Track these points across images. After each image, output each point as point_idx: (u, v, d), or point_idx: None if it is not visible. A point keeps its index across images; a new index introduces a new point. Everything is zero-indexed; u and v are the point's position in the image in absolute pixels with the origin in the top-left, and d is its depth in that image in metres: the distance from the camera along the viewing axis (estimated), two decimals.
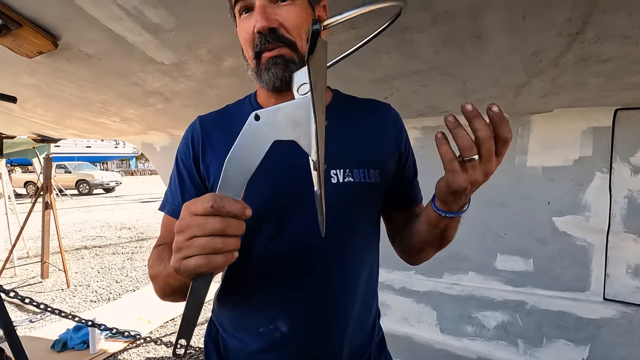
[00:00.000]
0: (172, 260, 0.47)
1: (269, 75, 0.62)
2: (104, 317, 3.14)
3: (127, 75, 1.45)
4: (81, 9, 1.02)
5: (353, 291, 0.69)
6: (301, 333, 0.67)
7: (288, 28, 0.61)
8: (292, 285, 0.66)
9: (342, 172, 0.66)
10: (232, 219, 0.45)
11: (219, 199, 0.44)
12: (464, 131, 0.49)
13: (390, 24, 0.56)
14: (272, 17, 0.59)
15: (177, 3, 0.94)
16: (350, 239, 0.68)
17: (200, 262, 0.44)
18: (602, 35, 0.86)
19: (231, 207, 0.44)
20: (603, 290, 1.53)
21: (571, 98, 1.32)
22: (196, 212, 0.44)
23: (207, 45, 1.13)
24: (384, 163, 0.72)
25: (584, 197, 1.53)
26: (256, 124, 0.47)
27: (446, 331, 1.83)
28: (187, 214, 0.45)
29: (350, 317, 0.69)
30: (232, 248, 0.45)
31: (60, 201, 12.41)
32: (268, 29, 0.59)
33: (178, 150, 0.74)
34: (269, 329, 0.67)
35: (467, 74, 1.14)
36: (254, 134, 0.47)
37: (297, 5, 0.61)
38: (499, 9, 0.80)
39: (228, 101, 1.65)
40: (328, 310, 0.67)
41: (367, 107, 0.76)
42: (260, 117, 0.46)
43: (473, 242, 1.74)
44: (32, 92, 1.85)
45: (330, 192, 0.63)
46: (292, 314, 0.67)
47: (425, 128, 1.75)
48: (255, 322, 0.68)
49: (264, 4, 0.59)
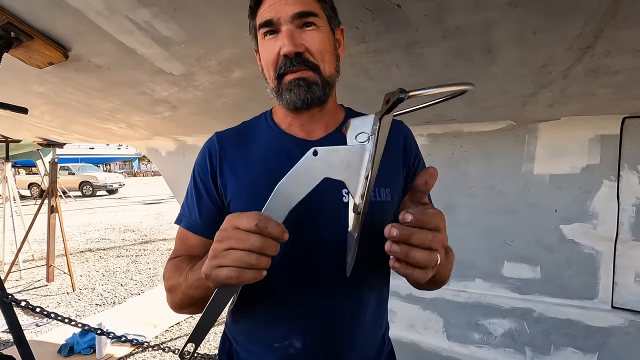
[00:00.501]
0: (206, 266, 0.50)
1: (290, 96, 0.64)
2: (110, 321, 3.16)
3: (136, 85, 1.46)
4: (92, 23, 1.02)
5: (365, 309, 0.70)
6: (314, 350, 0.68)
7: (313, 52, 0.63)
8: (307, 302, 0.67)
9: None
10: (270, 240, 0.47)
11: (265, 219, 0.47)
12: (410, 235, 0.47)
13: (455, 97, 0.58)
14: (298, 42, 0.61)
15: (188, 18, 0.95)
16: (362, 258, 0.66)
17: (232, 273, 0.47)
18: (613, 49, 0.86)
19: (273, 229, 0.47)
20: (611, 298, 1.53)
21: (579, 107, 1.32)
22: (240, 227, 0.47)
23: (216, 58, 1.14)
24: (394, 180, 0.73)
25: (591, 204, 1.53)
26: (313, 159, 0.49)
27: (453, 338, 1.83)
28: (229, 226, 0.48)
29: (362, 334, 0.71)
30: (264, 266, 0.48)
31: (64, 203, 12.47)
32: (294, 53, 0.61)
33: (195, 164, 0.76)
34: (283, 345, 0.68)
35: (475, 84, 1.14)
36: (308, 168, 0.49)
37: (321, 31, 0.64)
38: (510, 24, 0.80)
39: (235, 109, 1.67)
40: (341, 328, 0.68)
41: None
42: (318, 154, 0.49)
43: (480, 249, 1.74)
44: (41, 99, 1.86)
45: (342, 211, 0.63)
46: (306, 331, 0.68)
47: (431, 135, 1.75)
48: (270, 337, 0.69)
49: (291, 29, 0.61)
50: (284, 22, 0.61)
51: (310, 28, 0.63)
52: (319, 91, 0.65)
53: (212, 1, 0.86)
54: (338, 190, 0.67)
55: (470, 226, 1.74)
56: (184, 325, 3.42)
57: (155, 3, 0.90)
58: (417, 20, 0.82)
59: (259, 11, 0.64)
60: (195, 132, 2.40)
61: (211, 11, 0.91)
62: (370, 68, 1.07)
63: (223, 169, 0.71)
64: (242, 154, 0.71)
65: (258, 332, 0.71)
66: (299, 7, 0.61)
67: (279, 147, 0.70)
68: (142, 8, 0.92)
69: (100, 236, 7.38)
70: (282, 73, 0.63)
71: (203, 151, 0.74)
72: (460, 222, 1.75)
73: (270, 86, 0.68)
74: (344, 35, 0.72)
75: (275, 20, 0.62)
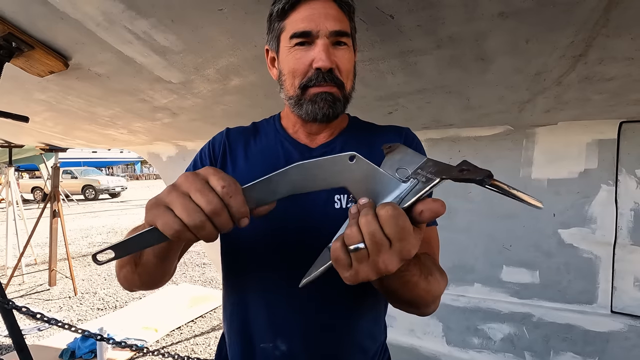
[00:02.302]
0: (150, 203, 0.43)
1: (313, 108, 0.64)
2: (111, 325, 3.17)
3: (136, 93, 1.47)
4: (92, 33, 1.04)
5: (358, 317, 0.70)
6: (300, 356, 0.67)
7: (342, 70, 0.64)
8: (296, 305, 0.67)
9: (346, 198, 0.67)
10: (225, 211, 0.41)
11: (234, 187, 0.41)
12: (354, 221, 0.43)
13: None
14: (332, 58, 0.62)
15: (185, 28, 0.96)
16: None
17: (173, 223, 0.40)
18: (605, 57, 0.87)
19: (235, 201, 0.41)
20: (610, 303, 1.53)
21: (576, 113, 1.32)
22: (205, 179, 0.42)
23: (214, 66, 1.15)
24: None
25: (589, 209, 1.53)
26: (345, 162, 0.44)
27: (452, 343, 1.83)
28: (194, 175, 0.42)
29: (354, 343, 0.70)
30: (207, 235, 0.41)
31: (67, 207, 12.53)
32: (328, 69, 0.62)
33: (198, 152, 0.77)
34: (268, 346, 0.68)
35: (471, 92, 1.15)
36: (336, 167, 0.44)
37: (349, 51, 0.65)
38: (502, 34, 0.81)
39: (233, 116, 1.68)
40: (332, 335, 0.68)
41: (379, 133, 0.76)
42: (355, 159, 0.44)
43: (478, 254, 1.74)
44: (42, 107, 1.88)
45: (332, 217, 0.62)
46: (293, 336, 0.67)
47: (429, 140, 1.76)
48: (258, 337, 0.69)
49: (327, 44, 0.62)
50: (322, 35, 0.61)
51: (342, 47, 0.64)
52: (340, 107, 0.66)
53: (208, 12, 0.87)
54: (331, 196, 0.67)
55: (469, 231, 1.74)
56: (185, 329, 3.42)
57: (153, 14, 0.92)
58: (411, 30, 0.83)
59: (292, 16, 0.63)
60: (195, 138, 2.42)
61: (208, 22, 0.92)
62: (366, 76, 1.09)
63: (225, 161, 0.73)
64: (245, 151, 0.73)
65: (248, 332, 0.71)
66: (339, 26, 0.62)
67: (279, 150, 0.72)
68: (140, 19, 0.94)
69: (103, 240, 7.40)
70: (309, 85, 0.64)
71: (210, 141, 0.77)
72: (458, 227, 1.75)
73: (288, 93, 0.67)
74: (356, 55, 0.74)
75: (313, 32, 0.61)
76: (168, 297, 4.15)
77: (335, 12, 0.63)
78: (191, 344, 3.14)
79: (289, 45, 0.64)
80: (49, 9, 0.94)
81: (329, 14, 0.62)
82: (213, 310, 3.83)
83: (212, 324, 3.55)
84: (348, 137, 0.74)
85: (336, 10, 0.63)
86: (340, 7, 0.64)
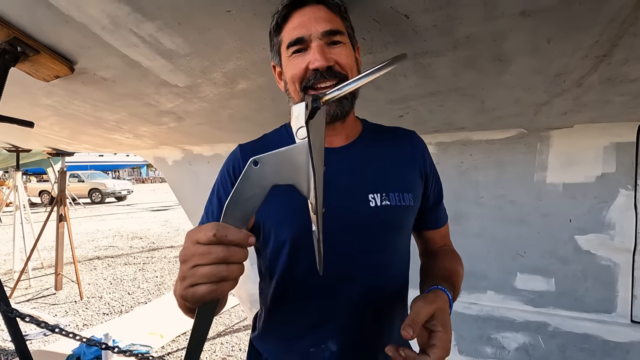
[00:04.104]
0: (179, 289, 0.48)
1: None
2: (117, 331, 3.15)
3: (141, 97, 1.45)
4: (98, 37, 1.02)
5: (391, 311, 0.75)
6: (347, 352, 0.72)
7: (342, 65, 0.66)
8: (339, 308, 0.71)
9: (380, 196, 0.71)
10: (234, 247, 0.45)
11: (223, 228, 0.45)
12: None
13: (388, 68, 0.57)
14: (329, 56, 0.64)
15: (192, 31, 0.94)
16: (387, 259, 0.73)
17: (207, 289, 0.45)
18: (631, 57, 0.83)
19: (234, 236, 0.45)
20: (630, 312, 1.47)
21: (594, 115, 1.28)
22: (199, 241, 0.45)
23: (221, 70, 1.12)
24: (415, 186, 0.77)
25: (607, 214, 1.48)
26: (254, 170, 0.48)
27: (465, 352, 1.78)
28: (190, 243, 0.46)
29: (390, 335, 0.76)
30: (236, 276, 0.46)
31: (74, 210, 12.61)
32: (326, 67, 0.64)
33: (218, 177, 0.78)
34: (319, 349, 0.71)
35: (486, 94, 1.11)
36: (252, 179, 0.48)
37: (347, 47, 0.67)
38: (523, 34, 0.77)
39: (240, 120, 1.66)
40: (372, 329, 0.73)
41: (396, 136, 0.82)
42: (259, 163, 0.48)
43: (491, 260, 1.69)
44: (49, 111, 1.87)
45: (369, 215, 0.69)
46: (340, 334, 0.71)
47: (440, 144, 1.72)
48: (305, 343, 0.72)
49: (321, 45, 0.64)
50: (315, 38, 0.64)
51: (338, 45, 0.66)
52: (348, 106, 0.69)
53: (215, 14, 0.84)
54: (365, 195, 0.70)
55: (481, 236, 1.69)
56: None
57: (159, 17, 0.89)
58: (426, 31, 0.80)
59: (286, 28, 0.67)
60: (201, 142, 2.40)
61: (215, 24, 0.89)
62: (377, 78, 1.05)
63: None
64: None
65: (292, 340, 0.74)
66: (329, 25, 0.64)
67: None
68: (146, 22, 0.91)
69: (109, 243, 7.42)
70: (309, 86, 0.66)
71: (226, 164, 0.77)
72: (470, 233, 1.71)
73: (294, 100, 0.70)
74: (360, 52, 0.75)
75: (306, 37, 0.64)
76: (174, 302, 4.11)
77: (324, 14, 0.65)
78: None
79: (287, 55, 0.67)
80: (53, 12, 0.92)
81: (318, 17, 0.64)
82: (218, 315, 3.80)
83: (218, 329, 3.52)
84: (369, 140, 0.78)
85: (325, 12, 0.65)
86: (330, 9, 0.66)
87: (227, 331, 3.48)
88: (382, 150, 0.77)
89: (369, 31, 0.84)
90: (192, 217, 2.91)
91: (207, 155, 2.53)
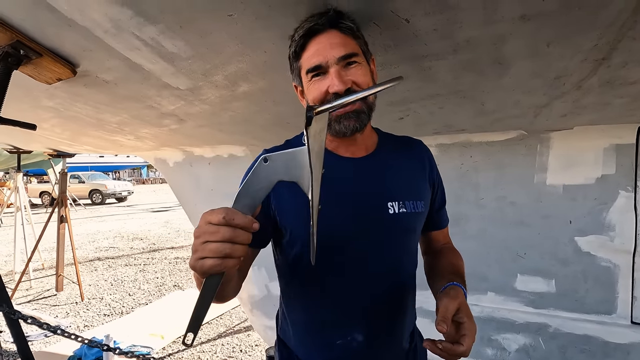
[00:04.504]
0: (190, 261, 0.55)
1: (340, 127, 0.74)
2: (117, 332, 3.16)
3: (143, 100, 1.46)
4: (100, 40, 1.03)
5: (406, 301, 0.85)
6: (371, 342, 0.80)
7: (359, 84, 0.71)
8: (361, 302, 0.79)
9: (397, 204, 0.79)
10: (240, 230, 0.52)
11: (231, 212, 0.52)
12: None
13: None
14: (346, 79, 0.69)
15: (194, 34, 0.94)
16: (403, 258, 0.84)
17: (213, 262, 0.52)
18: (630, 60, 0.84)
19: (240, 220, 0.52)
20: (631, 313, 1.47)
21: (593, 117, 1.28)
22: (211, 221, 0.52)
23: (222, 72, 1.13)
24: (426, 194, 0.87)
25: (607, 216, 1.48)
26: (264, 166, 0.56)
27: None
28: (203, 222, 0.53)
29: (405, 325, 0.86)
30: (239, 255, 0.53)
31: (74, 211, 12.62)
32: (344, 90, 0.69)
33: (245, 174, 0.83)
34: (346, 341, 0.79)
35: (486, 96, 1.12)
36: (261, 175, 0.56)
37: (362, 66, 0.73)
38: (522, 37, 0.78)
39: (240, 122, 1.66)
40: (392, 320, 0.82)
41: (407, 146, 0.91)
42: (268, 161, 0.56)
43: (492, 262, 1.70)
44: (50, 113, 1.88)
45: (389, 221, 0.78)
46: (364, 326, 0.79)
47: (440, 145, 1.72)
48: (331, 336, 0.80)
49: (339, 69, 0.70)
50: (332, 64, 0.70)
51: (354, 65, 0.71)
52: (365, 119, 0.76)
53: (217, 18, 0.85)
54: (385, 203, 0.79)
55: (482, 238, 1.70)
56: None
57: (161, 20, 0.90)
58: (426, 35, 0.80)
59: (304, 55, 0.73)
60: (202, 144, 2.41)
61: (217, 27, 0.90)
62: (378, 81, 1.06)
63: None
64: None
65: (318, 334, 0.81)
66: (344, 50, 0.70)
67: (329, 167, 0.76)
68: (148, 25, 0.92)
69: (109, 244, 7.43)
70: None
71: (252, 164, 0.83)
72: (470, 234, 1.71)
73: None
74: (375, 64, 0.81)
75: (323, 64, 0.70)
76: (174, 303, 4.13)
77: (339, 39, 0.70)
78: (197, 351, 3.12)
79: (307, 79, 0.74)
80: (56, 16, 0.93)
81: (333, 43, 0.70)
82: (219, 316, 3.81)
83: (219, 330, 3.52)
84: (386, 151, 0.86)
85: (339, 37, 0.71)
86: (343, 32, 0.71)
87: (227, 332, 3.48)
88: (398, 160, 0.86)
89: (370, 35, 0.85)
90: (192, 218, 2.91)
91: (208, 156, 2.54)
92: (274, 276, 2.39)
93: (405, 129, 1.41)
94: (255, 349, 3.14)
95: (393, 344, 0.83)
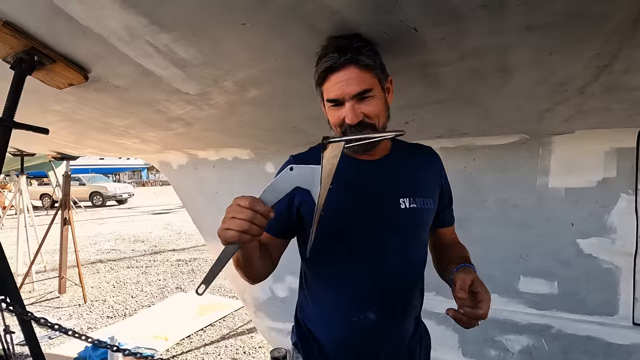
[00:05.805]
0: (218, 230, 0.68)
1: (354, 148, 0.87)
2: (121, 334, 3.17)
3: (152, 104, 1.48)
4: (113, 47, 1.05)
5: (416, 284, 0.97)
6: (383, 320, 0.90)
7: (371, 117, 0.81)
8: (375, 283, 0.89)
9: (408, 200, 0.90)
10: (259, 215, 0.67)
11: (255, 201, 0.67)
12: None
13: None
14: (358, 113, 0.79)
15: (206, 41, 0.97)
16: (414, 247, 0.94)
17: (233, 233, 0.66)
18: (632, 67, 0.86)
19: (260, 207, 0.67)
20: (632, 314, 1.49)
21: (594, 121, 1.31)
22: (240, 204, 0.67)
23: (232, 78, 1.15)
24: (435, 193, 0.98)
25: (609, 218, 1.50)
26: (289, 173, 0.71)
27: (469, 354, 1.80)
28: (234, 203, 0.68)
29: (413, 309, 0.97)
30: (254, 233, 0.67)
31: (75, 214, 12.63)
32: (357, 122, 0.79)
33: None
34: (359, 318, 0.89)
35: (490, 102, 1.14)
36: (285, 179, 0.71)
37: (376, 97, 0.81)
38: (527, 46, 0.80)
39: (247, 126, 1.69)
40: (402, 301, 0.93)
41: (418, 151, 1.03)
42: (294, 170, 0.71)
43: (495, 264, 1.72)
44: (57, 117, 1.90)
45: (401, 215, 0.89)
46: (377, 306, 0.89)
47: (443, 149, 1.74)
48: (348, 313, 0.90)
49: (353, 104, 0.79)
50: (347, 100, 0.79)
51: (367, 99, 0.80)
52: (376, 144, 0.89)
53: (230, 26, 0.88)
54: (397, 199, 0.89)
55: (485, 240, 1.72)
56: (194, 338, 3.41)
57: (175, 28, 0.92)
58: (434, 43, 0.83)
59: (325, 85, 0.82)
60: (207, 147, 2.43)
61: (228, 35, 0.92)
62: None
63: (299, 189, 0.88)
64: None
65: (336, 312, 0.92)
66: (358, 88, 0.78)
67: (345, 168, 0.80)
68: (162, 33, 0.94)
69: (111, 247, 7.44)
70: (346, 134, 0.82)
71: (283, 166, 0.93)
72: (474, 236, 1.73)
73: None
74: (392, 81, 0.88)
75: (340, 99, 0.80)
76: (177, 305, 4.14)
77: (355, 75, 0.77)
78: (201, 353, 3.13)
79: (328, 105, 0.84)
80: (72, 24, 0.95)
81: (350, 79, 0.77)
82: (222, 318, 3.82)
83: (222, 332, 3.54)
84: (400, 154, 0.97)
85: (357, 73, 0.77)
86: (360, 67, 0.77)
87: (231, 334, 3.49)
88: (410, 162, 0.97)
89: (378, 42, 0.87)
90: (197, 220, 2.93)
91: (212, 159, 2.56)
92: (277, 278, 2.41)
93: (410, 132, 1.43)
94: (259, 350, 3.16)
95: (403, 323, 0.94)
